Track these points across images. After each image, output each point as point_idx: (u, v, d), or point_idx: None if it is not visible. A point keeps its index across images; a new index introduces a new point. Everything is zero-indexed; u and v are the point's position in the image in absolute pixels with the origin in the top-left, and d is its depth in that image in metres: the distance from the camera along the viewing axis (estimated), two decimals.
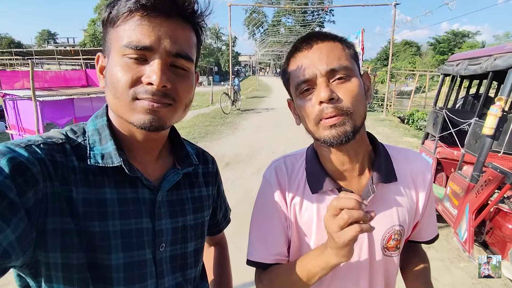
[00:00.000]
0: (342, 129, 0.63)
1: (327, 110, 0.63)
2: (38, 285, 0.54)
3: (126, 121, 0.57)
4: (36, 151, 0.50)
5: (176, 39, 0.55)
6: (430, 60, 33.71)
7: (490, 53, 2.83)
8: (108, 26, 0.56)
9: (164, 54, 0.54)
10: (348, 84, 0.64)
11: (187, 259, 0.69)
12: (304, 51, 0.67)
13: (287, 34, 32.03)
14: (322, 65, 0.63)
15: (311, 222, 0.75)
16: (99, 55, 0.60)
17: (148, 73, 0.53)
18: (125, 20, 0.53)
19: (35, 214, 0.47)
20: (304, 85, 0.65)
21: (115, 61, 0.54)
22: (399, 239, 0.75)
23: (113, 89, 0.54)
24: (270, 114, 11.25)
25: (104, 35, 0.57)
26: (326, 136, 0.65)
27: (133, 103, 0.54)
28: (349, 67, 0.64)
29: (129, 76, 0.53)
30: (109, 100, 0.57)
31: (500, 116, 2.42)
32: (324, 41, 0.66)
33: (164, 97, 0.55)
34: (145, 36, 0.52)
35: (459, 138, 3.27)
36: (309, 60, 0.65)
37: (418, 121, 9.82)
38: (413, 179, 0.77)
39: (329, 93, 0.62)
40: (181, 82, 0.57)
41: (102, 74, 0.60)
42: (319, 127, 0.66)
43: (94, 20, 35.10)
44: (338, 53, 0.65)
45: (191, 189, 0.71)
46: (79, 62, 19.56)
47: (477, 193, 2.52)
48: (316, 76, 0.64)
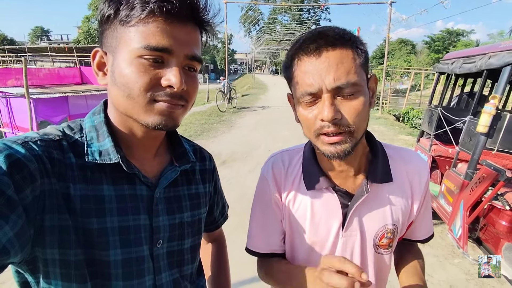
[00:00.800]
0: (342, 147, 0.63)
1: (328, 129, 0.61)
2: (36, 281, 0.54)
3: (134, 121, 0.57)
4: (33, 147, 0.50)
5: (191, 43, 0.57)
6: (425, 58, 33.98)
7: (485, 51, 2.86)
8: (115, 23, 0.54)
9: (181, 58, 0.55)
10: (353, 102, 0.61)
11: (184, 256, 0.70)
12: (312, 57, 0.61)
13: (283, 32, 31.96)
14: (329, 79, 0.59)
15: (305, 218, 0.76)
16: (97, 51, 0.59)
17: (168, 76, 0.54)
18: (143, 22, 0.52)
19: (33, 211, 0.48)
20: (308, 97, 0.62)
21: (128, 62, 0.53)
22: (391, 238, 0.76)
23: (127, 89, 0.54)
24: (266, 112, 11.25)
25: (105, 31, 0.56)
26: (325, 151, 0.65)
27: (150, 105, 0.55)
28: (357, 82, 0.60)
29: (147, 78, 0.53)
30: (117, 100, 0.56)
31: (494, 114, 2.45)
32: (335, 49, 0.60)
33: (180, 99, 0.57)
34: (165, 40, 0.53)
35: (454, 136, 3.30)
36: (316, 70, 0.60)
37: (413, 119, 9.90)
38: (409, 179, 0.77)
39: (332, 114, 0.59)
40: (191, 83, 0.59)
41: (101, 71, 0.59)
42: (318, 139, 0.65)
43: (89, 17, 34.68)
44: (348, 66, 0.60)
45: (188, 186, 0.72)
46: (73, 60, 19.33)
47: (471, 190, 2.55)
48: (321, 90, 0.60)
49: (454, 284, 2.55)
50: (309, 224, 0.76)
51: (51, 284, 0.54)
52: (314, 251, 0.77)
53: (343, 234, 0.74)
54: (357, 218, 0.74)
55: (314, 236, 0.76)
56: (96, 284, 0.56)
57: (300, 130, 0.72)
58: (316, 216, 0.75)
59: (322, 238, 0.76)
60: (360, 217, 0.74)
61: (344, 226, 0.74)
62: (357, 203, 0.72)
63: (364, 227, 0.74)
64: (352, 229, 0.74)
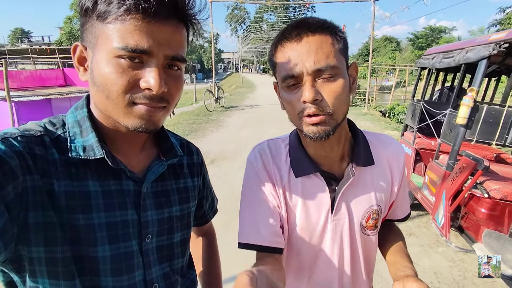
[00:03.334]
0: (323, 128, 0.66)
1: (309, 110, 0.64)
2: (22, 280, 0.54)
3: (116, 121, 0.56)
4: (13, 144, 0.48)
5: (173, 43, 0.54)
6: (410, 55, 34.61)
7: (462, 46, 2.96)
8: (93, 17, 0.52)
9: (162, 58, 0.53)
10: (333, 84, 0.64)
11: (174, 250, 0.69)
12: (293, 43, 0.65)
13: (269, 30, 31.99)
14: (309, 62, 0.63)
15: (296, 205, 0.77)
16: (77, 46, 0.57)
17: (146, 78, 0.52)
18: (120, 20, 0.50)
19: (15, 208, 0.47)
20: (291, 80, 0.66)
21: (106, 61, 0.51)
22: (377, 219, 0.80)
23: (105, 91, 0.52)
24: (254, 111, 11.26)
25: (85, 25, 0.54)
26: (307, 132, 0.67)
27: (129, 108, 0.53)
28: (336, 65, 0.64)
29: (125, 79, 0.51)
30: (98, 100, 0.55)
31: (472, 106, 2.54)
32: (314, 34, 0.64)
33: (160, 101, 0.55)
34: (143, 40, 0.50)
35: (436, 129, 3.40)
36: (297, 54, 0.64)
37: (399, 114, 10.11)
38: (388, 162, 0.81)
39: (313, 95, 0.63)
40: (174, 83, 0.57)
41: (82, 66, 0.57)
42: (301, 122, 0.68)
43: (71, 17, 33.89)
44: (327, 50, 0.64)
45: (176, 180, 0.71)
46: (55, 62, 18.84)
47: (452, 180, 2.64)
48: (302, 73, 0.64)
49: (438, 271, 2.64)
50: (300, 211, 0.77)
51: (38, 282, 0.53)
52: (305, 237, 0.78)
53: (332, 218, 0.76)
54: (345, 201, 0.76)
55: (305, 222, 0.77)
56: (85, 281, 0.55)
57: (286, 128, 0.73)
58: (306, 203, 0.76)
59: (313, 224, 0.77)
60: (347, 201, 0.76)
61: (333, 210, 0.76)
62: (344, 186, 0.74)
63: (352, 209, 0.77)
64: (341, 212, 0.76)
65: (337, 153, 0.77)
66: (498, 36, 2.44)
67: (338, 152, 0.77)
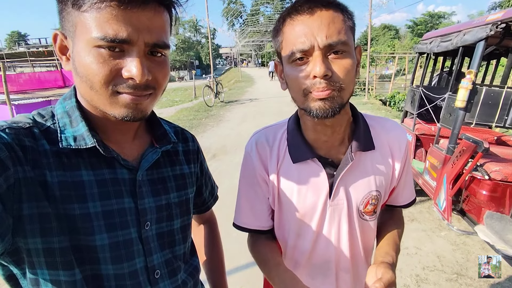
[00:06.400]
0: (330, 104, 0.64)
1: (319, 85, 0.62)
2: (22, 272, 0.54)
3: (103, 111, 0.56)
4: (1, 136, 0.48)
5: (153, 29, 0.52)
6: (409, 42, 34.24)
7: (460, 28, 2.93)
8: (69, 5, 0.50)
9: (142, 46, 0.51)
10: (344, 61, 0.63)
11: (175, 236, 0.69)
12: (305, 16, 0.63)
13: (266, 23, 31.78)
14: (321, 36, 0.61)
15: (292, 191, 0.77)
16: (57, 34, 0.55)
17: (128, 67, 0.51)
18: (96, 8, 0.48)
19: (9, 200, 0.47)
20: (299, 54, 0.63)
21: (86, 51, 0.50)
22: (376, 204, 0.79)
23: (88, 81, 0.51)
24: (254, 105, 11.22)
25: (62, 13, 0.52)
26: (313, 108, 0.65)
27: (113, 98, 0.52)
28: (347, 42, 0.63)
29: (106, 69, 0.50)
30: (82, 90, 0.55)
31: (471, 89, 2.52)
32: (328, 9, 0.62)
33: (145, 89, 0.54)
34: (121, 29, 0.48)
35: (436, 113, 3.38)
36: (309, 28, 0.62)
37: (399, 102, 10.04)
38: (390, 147, 0.80)
39: (325, 70, 0.61)
40: (159, 69, 0.56)
41: (64, 55, 0.56)
42: (307, 98, 0.66)
43: None
44: (339, 26, 0.62)
45: (172, 167, 0.71)
46: (54, 63, 18.83)
47: (453, 164, 2.64)
48: (313, 48, 0.62)
49: (441, 255, 2.65)
50: (296, 196, 0.77)
51: (38, 274, 0.53)
52: (303, 222, 0.79)
53: (330, 204, 0.76)
54: (343, 187, 0.76)
55: (303, 208, 0.77)
56: (85, 270, 0.55)
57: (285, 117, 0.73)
58: (304, 188, 0.76)
59: (310, 209, 0.77)
60: (346, 186, 0.76)
61: (331, 195, 0.75)
62: (342, 171, 0.74)
63: (350, 195, 0.77)
64: (339, 198, 0.76)
65: (338, 137, 0.76)
66: (495, 17, 2.42)
67: (338, 136, 0.76)
